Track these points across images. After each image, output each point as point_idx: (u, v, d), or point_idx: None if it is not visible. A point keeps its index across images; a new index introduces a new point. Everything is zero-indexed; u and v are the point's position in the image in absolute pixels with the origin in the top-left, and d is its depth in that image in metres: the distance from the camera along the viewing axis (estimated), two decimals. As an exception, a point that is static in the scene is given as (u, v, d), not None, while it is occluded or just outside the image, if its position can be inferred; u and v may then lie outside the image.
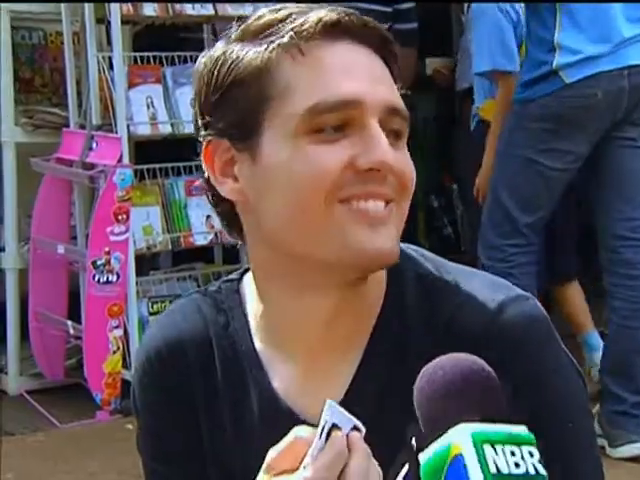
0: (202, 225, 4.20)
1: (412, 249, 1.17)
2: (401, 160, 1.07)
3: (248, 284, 1.19)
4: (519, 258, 3.41)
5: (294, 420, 1.11)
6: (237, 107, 1.09)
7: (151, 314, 4.11)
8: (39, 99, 4.58)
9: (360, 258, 1.06)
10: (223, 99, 1.10)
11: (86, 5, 4.05)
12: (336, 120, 1.05)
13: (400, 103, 1.09)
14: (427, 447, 0.85)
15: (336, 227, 1.05)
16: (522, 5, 3.56)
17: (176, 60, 4.21)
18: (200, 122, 1.13)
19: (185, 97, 4.12)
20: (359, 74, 1.07)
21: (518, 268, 3.34)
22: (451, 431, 0.83)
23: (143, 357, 1.23)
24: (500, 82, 3.89)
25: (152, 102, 4.09)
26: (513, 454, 0.82)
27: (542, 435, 1.00)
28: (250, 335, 1.18)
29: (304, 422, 1.09)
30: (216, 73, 1.10)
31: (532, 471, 0.82)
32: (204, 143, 1.13)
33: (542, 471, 0.82)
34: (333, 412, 0.92)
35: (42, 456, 3.61)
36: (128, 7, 3.99)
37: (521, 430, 0.84)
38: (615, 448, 3.27)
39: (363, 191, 1.05)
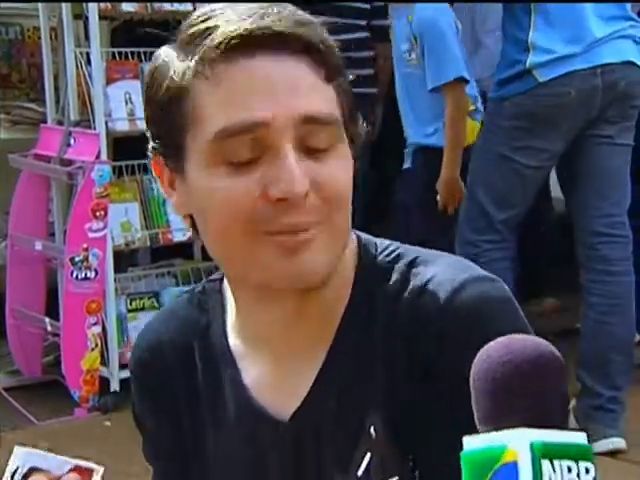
0: (180, 222, 4.16)
1: (374, 240, 1.15)
2: (324, 175, 1.03)
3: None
4: (493, 254, 3.41)
5: (265, 418, 1.12)
6: (164, 130, 1.07)
7: (129, 311, 4.09)
8: (16, 95, 4.56)
9: (289, 283, 1.05)
10: (154, 117, 1.09)
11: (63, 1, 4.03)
12: (247, 145, 1.01)
13: (319, 109, 1.02)
14: (477, 433, 0.78)
15: (257, 258, 1.03)
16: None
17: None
18: (147, 133, 1.12)
19: (163, 93, 4.09)
20: (271, 90, 1.01)
21: (492, 263, 3.33)
22: (511, 432, 0.76)
23: (131, 361, 1.28)
24: (452, 92, 3.86)
25: (130, 98, 4.06)
26: (570, 470, 0.76)
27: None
28: (226, 334, 1.18)
29: (274, 419, 1.12)
30: (149, 87, 1.09)
31: None
32: (150, 155, 1.12)
33: None
34: (32, 457, 0.96)
35: (20, 453, 3.58)
36: (106, 4, 3.96)
37: (581, 440, 0.78)
38: (591, 443, 3.26)
39: (278, 226, 1.02)
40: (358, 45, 4.55)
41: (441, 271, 1.08)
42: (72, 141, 3.99)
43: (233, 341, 1.17)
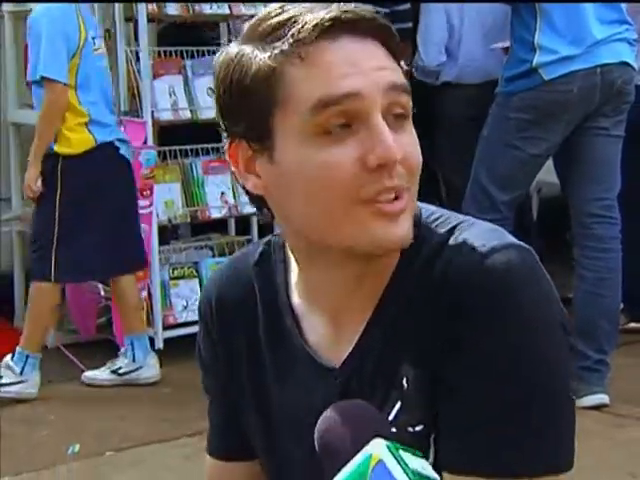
0: (217, 200, 4.18)
1: (422, 205, 1.12)
2: (406, 145, 1.02)
3: None
4: None
5: (320, 366, 1.12)
6: (249, 113, 1.04)
7: (171, 279, 4.11)
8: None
9: (381, 248, 1.03)
10: (237, 105, 1.05)
11: (116, 6, 4.03)
12: (340, 116, 0.99)
13: (402, 80, 1.03)
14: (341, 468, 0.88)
15: (357, 225, 1.01)
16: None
17: (195, 54, 4.19)
18: (221, 122, 1.09)
19: (203, 86, 4.10)
20: (358, 66, 1.00)
21: None
22: (367, 446, 0.87)
23: (199, 306, 1.24)
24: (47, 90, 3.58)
25: (174, 91, 4.07)
26: (417, 459, 0.89)
27: (504, 381, 0.99)
28: (288, 289, 1.16)
29: (327, 367, 1.11)
30: (229, 79, 1.05)
31: (434, 475, 0.88)
32: (227, 142, 1.09)
33: (436, 476, 0.89)
34: None
35: (77, 402, 3.62)
36: (153, 7, 3.97)
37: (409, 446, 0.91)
38: (580, 399, 3.26)
39: (377, 188, 1.00)
40: None
41: (473, 237, 1.04)
42: (122, 128, 3.99)
43: (294, 296, 1.15)
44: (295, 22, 1.02)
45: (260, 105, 1.03)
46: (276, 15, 1.04)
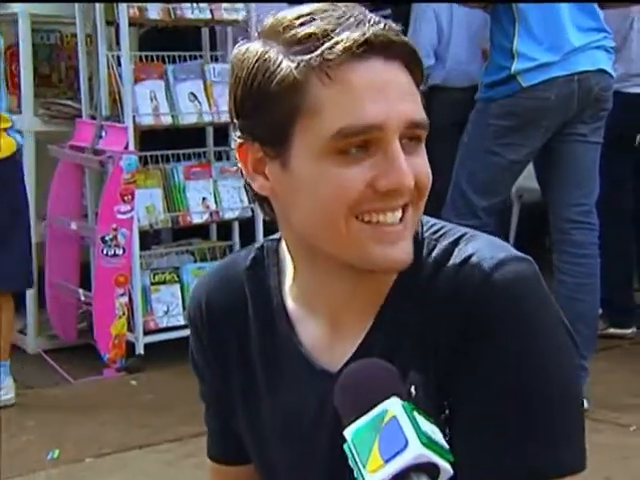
0: (198, 205, 4.18)
1: (423, 217, 1.13)
2: (417, 166, 1.04)
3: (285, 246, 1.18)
4: None
5: (316, 371, 1.12)
6: (269, 118, 1.04)
7: (152, 284, 4.11)
8: (56, 93, 4.55)
9: (380, 269, 1.05)
10: (256, 107, 1.05)
11: (97, 9, 4.02)
12: (360, 142, 1.01)
13: (422, 116, 1.04)
14: (355, 420, 0.90)
15: (356, 241, 1.03)
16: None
17: (177, 59, 4.19)
18: (235, 120, 1.09)
19: (184, 92, 4.11)
20: (384, 93, 1.01)
21: None
22: (385, 402, 0.89)
23: (188, 313, 1.25)
24: None
25: (155, 96, 4.06)
26: (429, 424, 0.91)
27: (518, 387, 1.01)
28: (282, 293, 1.17)
29: (325, 372, 1.12)
30: (250, 80, 1.04)
31: (444, 444, 0.89)
32: (238, 141, 1.09)
33: (445, 444, 0.90)
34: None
35: (58, 408, 3.61)
36: (135, 11, 3.96)
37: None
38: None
39: (381, 207, 1.03)
40: None
41: (481, 248, 1.06)
42: (103, 133, 3.99)
43: (289, 301, 1.16)
44: (326, 38, 1.01)
45: (282, 114, 1.03)
46: (305, 23, 1.03)
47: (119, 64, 3.96)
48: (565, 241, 3.42)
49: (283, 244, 1.17)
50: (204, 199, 4.18)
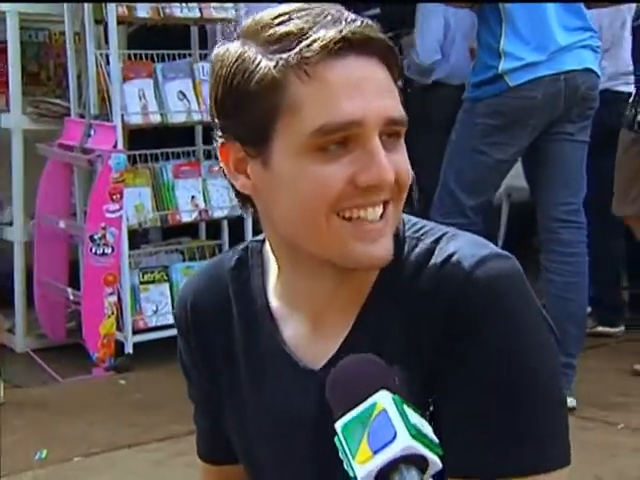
0: (187, 204, 4.18)
1: (405, 216, 1.14)
2: (398, 162, 1.05)
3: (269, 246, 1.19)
4: None
5: (299, 368, 1.13)
6: (249, 117, 1.05)
7: (142, 283, 4.10)
8: (44, 91, 4.54)
9: (360, 266, 1.06)
10: (236, 107, 1.06)
11: (86, 7, 4.02)
12: (340, 138, 1.02)
13: (400, 113, 1.05)
14: (345, 414, 0.91)
15: (336, 239, 1.04)
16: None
17: (166, 57, 4.19)
18: (215, 120, 1.10)
19: (173, 90, 4.10)
20: (363, 90, 1.02)
21: None
22: (374, 395, 0.90)
23: (174, 315, 1.26)
24: None
25: (144, 94, 4.06)
26: (418, 417, 0.91)
27: (501, 384, 1.02)
28: (266, 293, 1.18)
29: (307, 369, 1.12)
30: (230, 79, 1.05)
31: (434, 437, 0.90)
32: (219, 141, 1.10)
33: (434, 437, 0.90)
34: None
35: (46, 407, 3.60)
36: (123, 9, 3.95)
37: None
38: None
39: (361, 202, 1.03)
40: None
41: (462, 247, 1.07)
42: (92, 132, 3.98)
43: (273, 300, 1.17)
44: (303, 36, 1.02)
45: (262, 113, 1.04)
46: (282, 23, 1.04)
47: (108, 63, 3.96)
48: (553, 240, 3.43)
49: (267, 244, 1.18)
50: (193, 198, 4.18)
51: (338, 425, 0.91)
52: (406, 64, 4.65)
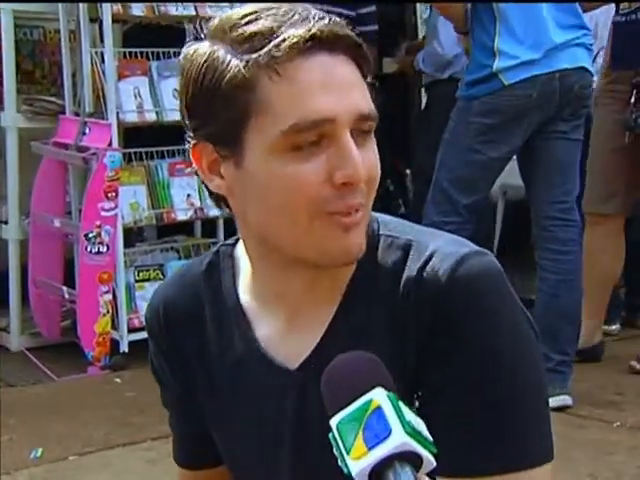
0: (183, 202, 4.18)
1: (379, 216, 1.15)
2: (368, 160, 1.04)
3: (241, 248, 1.18)
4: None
5: (274, 367, 1.12)
6: (220, 118, 1.04)
7: (137, 281, 4.10)
8: (39, 89, 4.53)
9: (336, 260, 1.06)
10: (206, 108, 1.05)
11: (81, 6, 4.01)
12: (313, 136, 1.01)
13: (370, 109, 1.04)
14: (340, 410, 0.91)
15: (315, 237, 1.04)
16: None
17: (161, 55, 4.18)
18: (186, 121, 1.09)
19: (168, 88, 4.09)
20: (333, 87, 1.01)
21: None
22: (370, 392, 0.90)
23: (145, 321, 1.27)
24: None
25: (139, 92, 4.06)
26: (413, 414, 0.91)
27: (484, 383, 1.02)
28: (237, 293, 1.17)
29: (283, 368, 1.12)
30: (200, 80, 1.05)
31: (428, 435, 0.90)
32: (191, 142, 1.09)
33: (429, 435, 0.90)
34: None
35: (41, 406, 3.59)
36: (118, 7, 3.95)
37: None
38: (543, 400, 3.30)
39: (341, 207, 1.03)
40: None
41: (442, 245, 1.08)
42: (87, 130, 3.98)
43: (245, 299, 1.16)
44: (272, 36, 1.01)
45: (233, 113, 1.03)
46: (250, 22, 1.04)
47: (103, 61, 3.95)
48: (547, 238, 3.44)
49: (238, 247, 1.18)
50: (188, 196, 4.17)
51: (333, 421, 0.91)
52: (420, 57, 4.65)
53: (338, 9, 4.53)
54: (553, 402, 3.32)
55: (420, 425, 0.90)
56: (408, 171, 5.80)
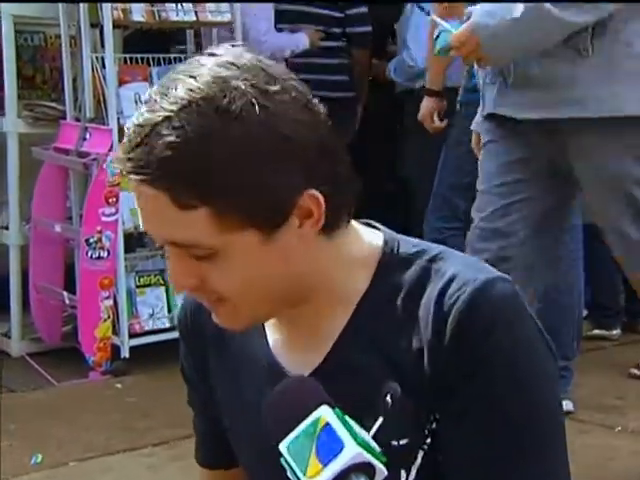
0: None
1: (398, 237, 1.13)
2: (210, 275, 1.03)
3: None
4: (457, 239, 3.43)
5: (279, 373, 1.12)
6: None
7: (138, 286, 4.09)
8: (40, 94, 4.53)
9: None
10: None
11: (81, 11, 4.01)
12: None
13: (180, 237, 1.01)
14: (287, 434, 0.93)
15: None
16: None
17: (162, 61, 4.18)
18: None
19: (169, 94, 4.08)
20: (144, 217, 1.03)
21: (456, 248, 3.35)
22: (316, 411, 0.92)
23: (177, 322, 1.29)
24: None
25: (140, 98, 4.04)
26: (360, 428, 0.94)
27: (501, 408, 1.03)
28: None
29: (286, 375, 1.11)
30: None
31: (376, 446, 0.92)
32: None
33: (379, 449, 0.92)
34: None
35: (41, 411, 3.59)
36: (119, 13, 3.95)
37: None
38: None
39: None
40: (332, 52, 4.51)
41: (462, 269, 1.07)
42: (88, 135, 3.98)
43: None
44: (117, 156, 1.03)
45: None
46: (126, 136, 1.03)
47: (103, 66, 3.94)
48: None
49: None
50: (189, 201, 4.17)
51: (282, 446, 0.92)
52: (392, 67, 4.63)
53: (326, 11, 4.53)
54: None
55: (367, 436, 0.92)
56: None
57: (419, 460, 1.05)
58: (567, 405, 3.34)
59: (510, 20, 2.22)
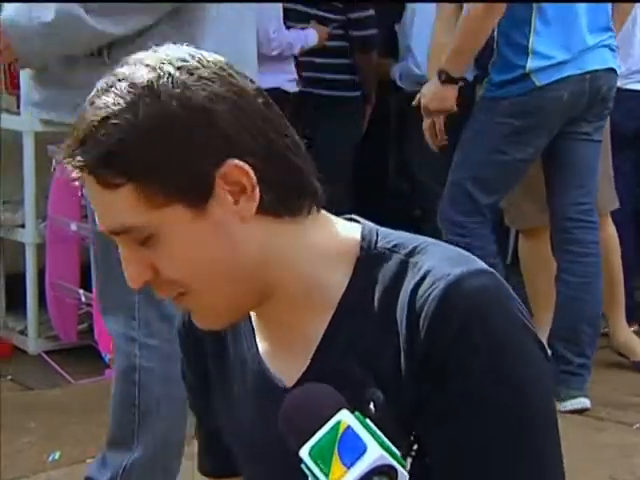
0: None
1: (376, 228, 1.10)
2: (160, 261, 1.03)
3: None
4: (480, 231, 3.42)
5: (273, 385, 1.11)
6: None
7: (142, 289, 4.08)
8: (55, 93, 4.53)
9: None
10: None
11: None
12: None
13: (111, 221, 1.03)
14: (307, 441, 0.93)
15: None
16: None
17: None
18: None
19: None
20: (96, 211, 1.04)
21: (479, 239, 3.36)
22: (336, 415, 0.92)
23: (176, 327, 1.27)
24: None
25: (155, 96, 4.05)
26: (379, 432, 0.94)
27: (484, 410, 1.00)
28: None
29: (280, 388, 1.09)
30: None
31: (397, 451, 0.92)
32: None
33: (399, 453, 0.93)
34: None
35: (58, 408, 3.60)
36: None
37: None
38: (561, 403, 3.29)
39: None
40: (336, 52, 4.50)
41: (436, 265, 1.02)
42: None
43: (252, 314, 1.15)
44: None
45: None
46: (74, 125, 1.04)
47: (120, 64, 3.95)
48: (567, 240, 3.43)
49: None
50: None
51: (303, 451, 0.91)
52: (397, 73, 4.63)
53: (328, 14, 4.50)
54: (571, 405, 3.31)
55: (387, 440, 0.92)
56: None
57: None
58: (585, 402, 3.34)
59: (41, 24, 2.12)
